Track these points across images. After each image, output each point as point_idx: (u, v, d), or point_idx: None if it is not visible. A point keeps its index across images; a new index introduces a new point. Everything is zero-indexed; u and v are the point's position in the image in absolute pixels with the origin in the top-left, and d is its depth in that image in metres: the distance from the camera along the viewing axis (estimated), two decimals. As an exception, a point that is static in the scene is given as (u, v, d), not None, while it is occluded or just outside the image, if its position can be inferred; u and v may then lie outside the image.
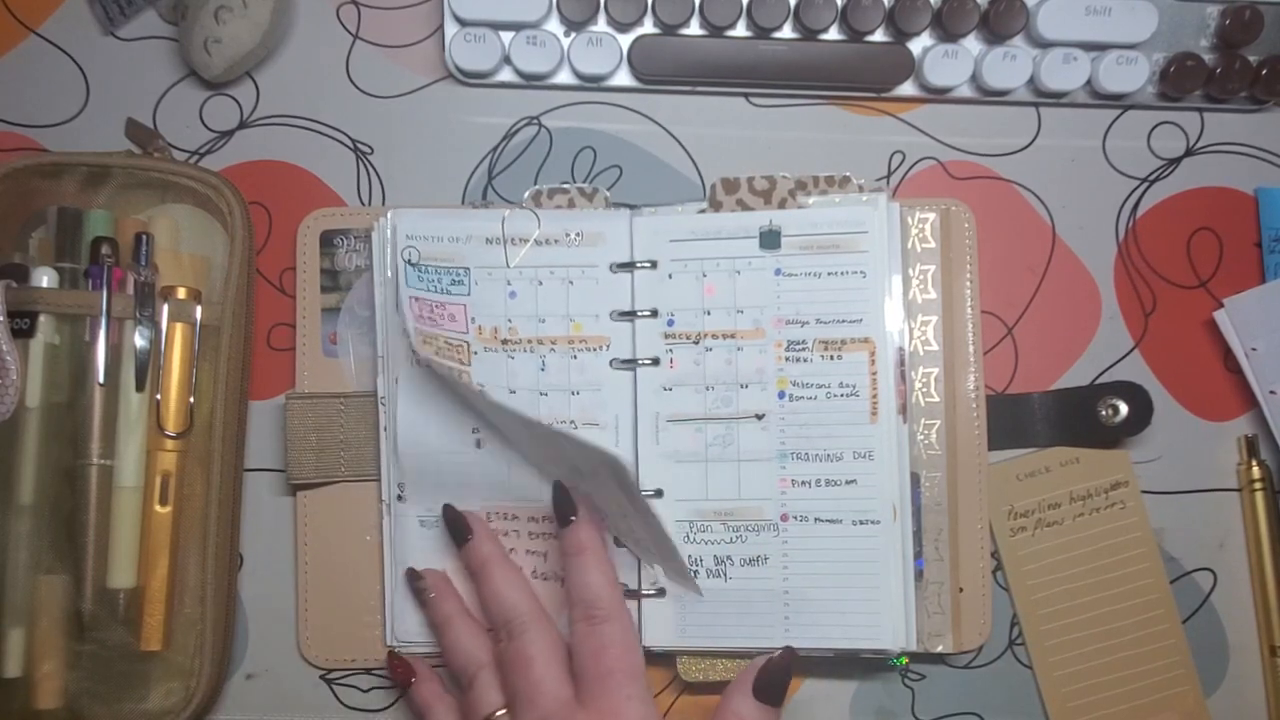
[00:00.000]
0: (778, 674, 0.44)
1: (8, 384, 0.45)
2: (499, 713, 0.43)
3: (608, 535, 0.47)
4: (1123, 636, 0.49)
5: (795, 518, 0.47)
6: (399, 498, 0.48)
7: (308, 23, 0.53)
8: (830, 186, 0.49)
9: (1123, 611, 0.49)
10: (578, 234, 0.48)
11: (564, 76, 0.51)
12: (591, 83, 0.51)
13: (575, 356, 0.48)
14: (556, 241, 0.48)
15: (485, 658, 0.45)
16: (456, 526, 0.47)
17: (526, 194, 0.49)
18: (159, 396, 0.47)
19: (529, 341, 0.48)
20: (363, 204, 0.52)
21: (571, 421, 0.47)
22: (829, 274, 0.47)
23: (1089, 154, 0.52)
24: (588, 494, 0.45)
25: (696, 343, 0.48)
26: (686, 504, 0.47)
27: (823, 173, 0.49)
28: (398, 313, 0.46)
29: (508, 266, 0.48)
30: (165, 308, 0.47)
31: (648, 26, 0.50)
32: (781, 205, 0.49)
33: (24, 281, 0.46)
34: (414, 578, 0.47)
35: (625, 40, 0.50)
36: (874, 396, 0.47)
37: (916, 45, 0.51)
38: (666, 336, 0.48)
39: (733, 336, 0.48)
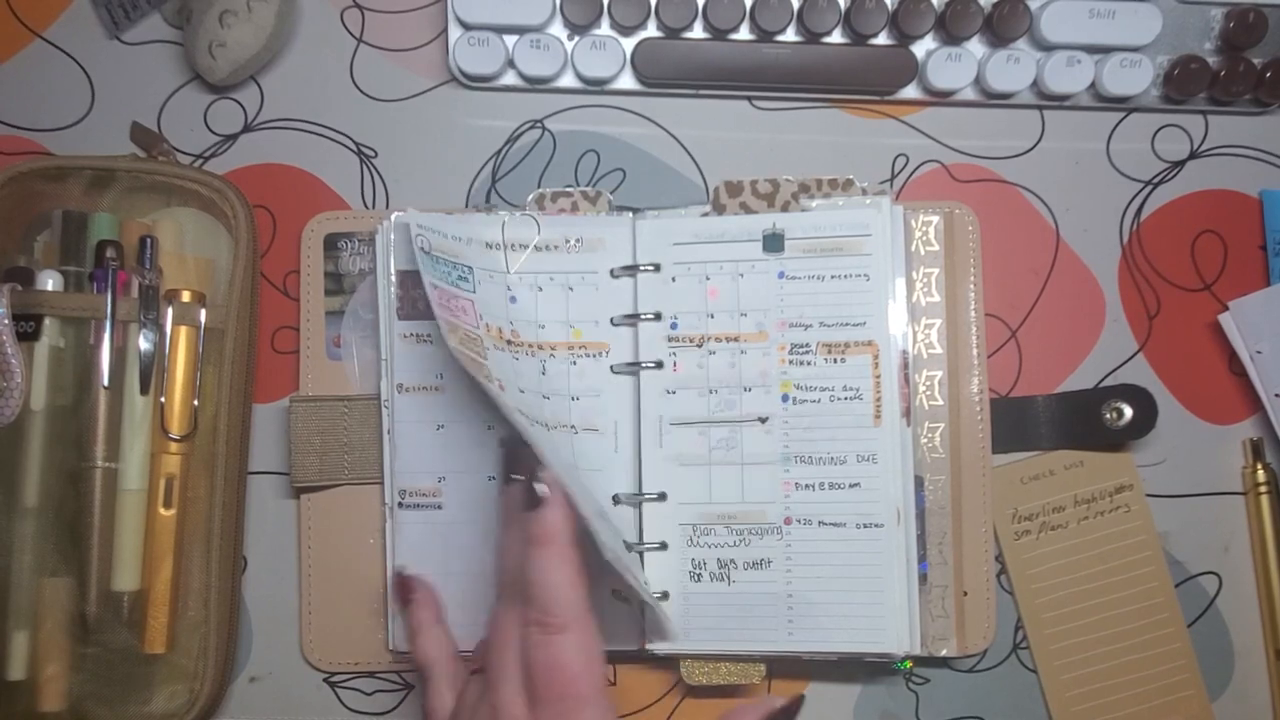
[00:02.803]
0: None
1: (13, 387, 0.45)
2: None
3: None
4: (1128, 640, 0.49)
5: (799, 521, 0.47)
6: (400, 503, 0.48)
7: (312, 26, 0.53)
8: (833, 189, 0.49)
9: (1127, 615, 0.49)
10: (577, 240, 0.48)
11: (567, 80, 0.51)
12: (595, 86, 0.51)
13: (575, 362, 0.48)
14: (556, 248, 0.48)
15: (445, 662, 0.44)
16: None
17: (530, 197, 0.49)
18: (163, 399, 0.47)
19: (530, 346, 0.48)
20: (366, 207, 0.52)
21: (571, 426, 0.47)
22: (832, 277, 0.47)
23: (1093, 157, 0.52)
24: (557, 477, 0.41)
25: (700, 346, 0.48)
26: (690, 507, 0.47)
27: (826, 175, 0.49)
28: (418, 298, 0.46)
29: (508, 273, 0.48)
30: (169, 311, 0.47)
31: (651, 30, 0.50)
32: (785, 208, 0.49)
33: (29, 285, 0.46)
34: (402, 582, 0.47)
35: (629, 43, 0.50)
36: (877, 399, 0.47)
37: (920, 48, 0.51)
38: (670, 340, 0.48)
39: (736, 339, 0.48)
